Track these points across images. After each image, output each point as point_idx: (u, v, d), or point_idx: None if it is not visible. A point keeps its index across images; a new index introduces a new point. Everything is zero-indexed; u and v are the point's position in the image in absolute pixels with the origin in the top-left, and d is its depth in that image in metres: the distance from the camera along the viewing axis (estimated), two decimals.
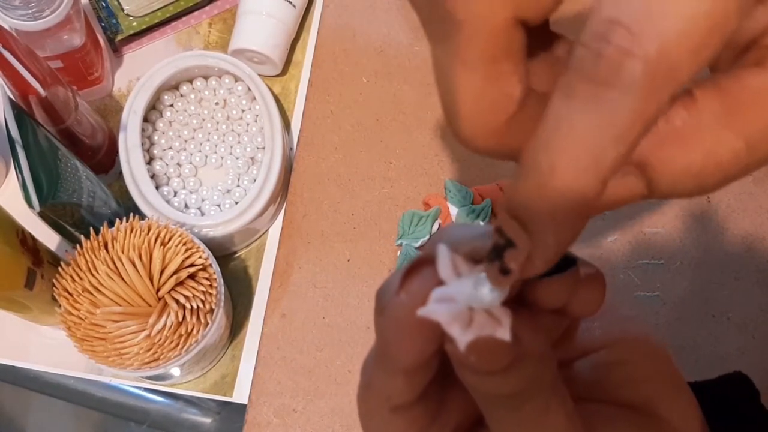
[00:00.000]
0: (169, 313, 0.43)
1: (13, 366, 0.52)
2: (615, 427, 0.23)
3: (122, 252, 0.43)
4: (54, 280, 0.44)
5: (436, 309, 0.18)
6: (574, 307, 0.22)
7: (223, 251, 0.53)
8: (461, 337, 0.18)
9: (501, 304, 0.18)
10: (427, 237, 0.50)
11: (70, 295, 0.44)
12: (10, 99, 0.43)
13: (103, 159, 0.53)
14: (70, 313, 0.43)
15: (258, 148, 0.54)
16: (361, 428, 0.24)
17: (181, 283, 0.44)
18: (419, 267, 0.20)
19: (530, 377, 0.20)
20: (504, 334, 0.18)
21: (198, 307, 0.44)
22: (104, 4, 0.58)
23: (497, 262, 0.18)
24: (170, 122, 0.55)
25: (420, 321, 0.19)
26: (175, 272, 0.44)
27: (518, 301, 0.20)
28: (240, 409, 0.50)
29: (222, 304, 0.46)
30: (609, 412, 0.23)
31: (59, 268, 0.44)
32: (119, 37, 0.58)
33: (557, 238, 0.18)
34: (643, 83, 0.16)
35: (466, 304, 0.18)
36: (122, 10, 0.58)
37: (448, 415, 0.24)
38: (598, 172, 0.17)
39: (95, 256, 0.44)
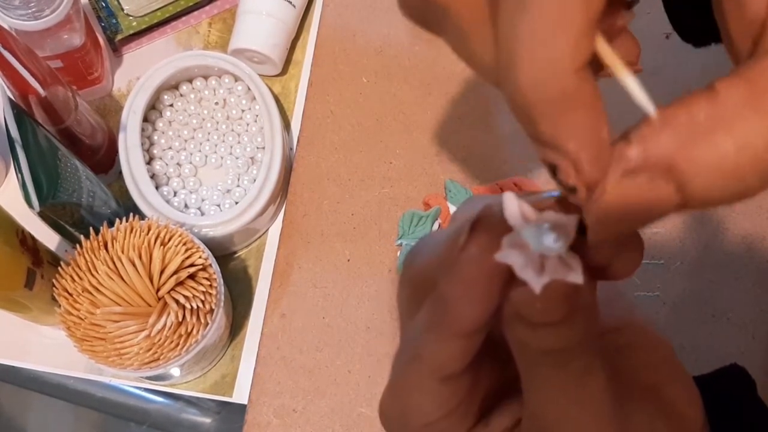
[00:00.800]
0: (169, 313, 0.43)
1: (13, 366, 0.52)
2: (632, 407, 0.23)
3: (122, 252, 0.43)
4: (54, 280, 0.44)
5: (510, 254, 0.18)
6: (617, 267, 0.22)
7: (223, 251, 0.53)
8: (536, 281, 0.18)
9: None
10: None
11: (70, 295, 0.43)
12: (10, 99, 0.43)
13: (103, 159, 0.53)
14: (70, 313, 0.43)
15: (258, 148, 0.54)
16: (396, 407, 0.24)
17: (181, 283, 0.44)
18: (483, 220, 0.20)
19: (581, 333, 0.20)
20: (577, 278, 0.18)
21: (198, 307, 0.44)
22: (104, 4, 0.58)
23: (559, 186, 0.18)
24: (170, 122, 0.55)
25: (490, 272, 0.19)
26: (175, 272, 0.44)
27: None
28: (240, 409, 0.50)
29: (222, 304, 0.46)
30: (623, 391, 0.23)
31: (59, 268, 0.44)
32: (119, 37, 0.58)
33: (574, 126, 0.18)
34: None
35: (537, 249, 0.18)
36: (122, 9, 0.58)
37: (479, 387, 0.23)
38: (568, 35, 0.17)
39: (95, 256, 0.44)
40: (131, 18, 0.58)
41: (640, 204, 0.18)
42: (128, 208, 0.50)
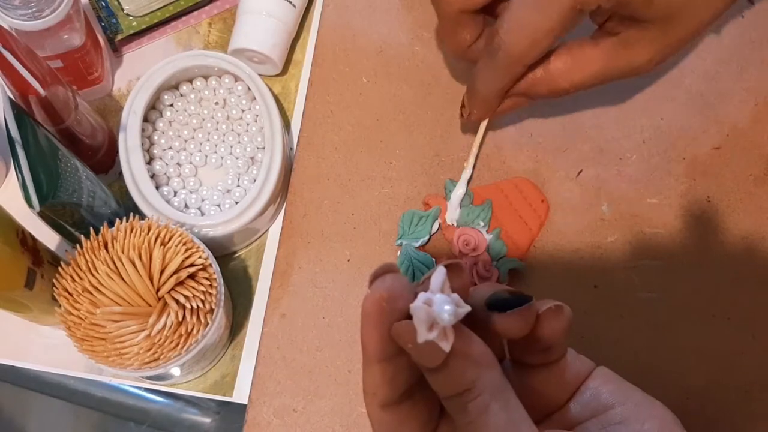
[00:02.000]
0: (169, 313, 0.43)
1: (13, 366, 0.52)
2: None
3: (122, 252, 0.43)
4: (54, 280, 0.44)
5: (420, 308, 0.24)
6: (543, 332, 0.28)
7: (223, 251, 0.53)
8: (423, 335, 0.24)
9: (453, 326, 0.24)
10: (427, 237, 0.50)
11: (70, 295, 0.43)
12: (10, 99, 0.43)
13: (103, 159, 0.53)
14: (70, 313, 0.43)
15: (258, 148, 0.54)
16: None
17: (181, 283, 0.44)
18: (381, 273, 0.26)
19: (470, 379, 0.25)
20: (446, 347, 0.24)
21: (198, 307, 0.44)
22: (104, 4, 0.58)
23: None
24: (170, 122, 0.55)
25: (382, 312, 0.25)
26: (175, 272, 0.44)
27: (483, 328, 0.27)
28: (240, 409, 0.50)
29: (222, 304, 0.46)
30: None
31: (59, 268, 0.44)
32: (119, 37, 0.58)
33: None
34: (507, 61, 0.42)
35: (436, 313, 0.24)
36: (122, 9, 0.58)
37: (422, 417, 0.28)
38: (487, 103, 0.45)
39: (95, 256, 0.44)
40: (131, 18, 0.58)
41: (513, 106, 0.47)
42: (128, 208, 0.50)
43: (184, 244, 0.45)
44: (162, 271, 0.44)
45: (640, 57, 0.43)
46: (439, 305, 0.24)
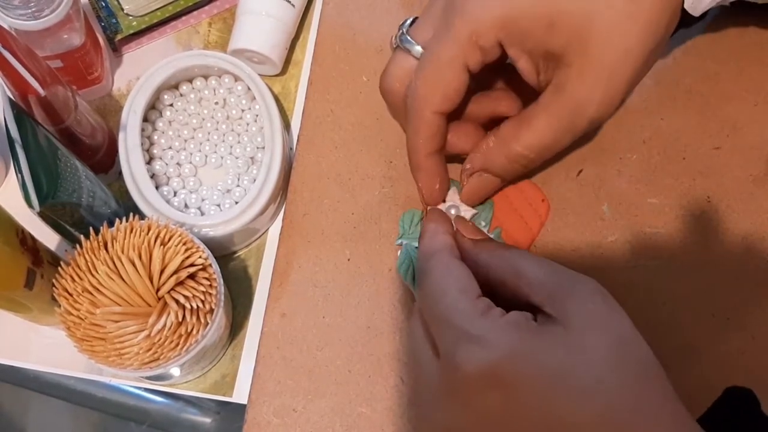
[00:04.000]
0: (168, 313, 0.43)
1: (13, 366, 0.52)
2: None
3: (122, 252, 0.43)
4: (54, 280, 0.44)
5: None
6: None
7: (223, 251, 0.53)
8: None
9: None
10: None
11: (70, 295, 0.43)
12: (10, 99, 0.43)
13: (103, 159, 0.53)
14: (70, 313, 0.43)
15: (258, 147, 0.54)
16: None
17: (181, 283, 0.44)
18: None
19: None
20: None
21: (198, 307, 0.44)
22: (104, 4, 0.58)
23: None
24: (170, 122, 0.55)
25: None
26: (175, 272, 0.44)
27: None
28: (240, 409, 0.50)
29: (222, 304, 0.46)
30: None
31: (59, 268, 0.44)
32: (119, 37, 0.58)
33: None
34: (417, 104, 0.45)
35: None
36: (122, 9, 0.58)
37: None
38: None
39: (95, 256, 0.44)
40: (131, 18, 0.58)
41: (482, 185, 0.47)
42: (128, 208, 0.50)
43: (184, 244, 0.45)
44: (162, 271, 0.44)
45: (580, 98, 0.41)
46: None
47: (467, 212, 0.49)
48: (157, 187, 0.52)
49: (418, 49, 0.44)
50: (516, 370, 0.33)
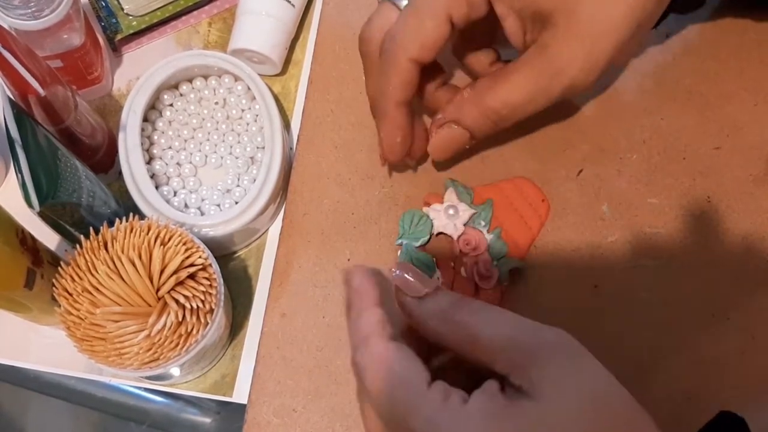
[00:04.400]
0: (168, 313, 0.43)
1: (13, 366, 0.52)
2: None
3: (122, 252, 0.43)
4: (54, 280, 0.44)
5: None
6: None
7: (223, 251, 0.53)
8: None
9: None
10: (428, 237, 0.50)
11: (70, 295, 0.43)
12: (10, 99, 0.43)
13: (103, 159, 0.53)
14: (70, 313, 0.43)
15: (258, 147, 0.54)
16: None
17: (181, 283, 0.44)
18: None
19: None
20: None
21: (198, 307, 0.44)
22: (104, 4, 0.58)
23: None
24: (170, 122, 0.55)
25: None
26: (175, 272, 0.44)
27: None
28: (240, 409, 0.50)
29: (222, 304, 0.46)
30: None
31: (59, 268, 0.44)
32: (119, 37, 0.58)
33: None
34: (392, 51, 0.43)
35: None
36: (122, 9, 0.58)
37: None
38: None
39: (95, 256, 0.44)
40: (131, 18, 0.58)
41: (450, 137, 0.45)
42: (128, 208, 0.50)
43: (184, 244, 0.45)
44: (162, 271, 0.43)
45: (562, 59, 0.40)
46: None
47: (466, 212, 0.49)
48: (157, 187, 0.52)
49: (405, 2, 0.43)
50: None
